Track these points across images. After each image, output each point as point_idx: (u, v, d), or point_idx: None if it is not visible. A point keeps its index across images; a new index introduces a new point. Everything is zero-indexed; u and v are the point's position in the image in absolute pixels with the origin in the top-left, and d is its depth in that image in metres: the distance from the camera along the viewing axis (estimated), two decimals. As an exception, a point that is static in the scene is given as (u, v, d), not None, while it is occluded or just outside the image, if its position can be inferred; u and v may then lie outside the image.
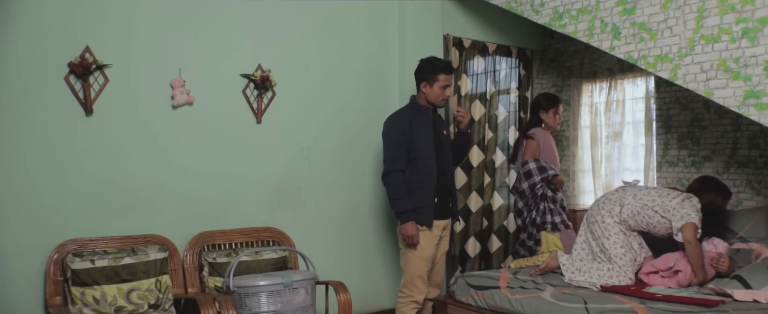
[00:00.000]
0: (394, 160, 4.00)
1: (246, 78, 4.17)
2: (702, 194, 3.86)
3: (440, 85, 4.07)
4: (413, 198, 4.01)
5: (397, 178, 3.99)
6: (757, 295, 3.31)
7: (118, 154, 3.70)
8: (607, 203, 3.93)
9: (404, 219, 3.99)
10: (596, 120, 5.62)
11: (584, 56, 5.68)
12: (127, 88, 3.72)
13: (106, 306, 3.34)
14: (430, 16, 5.02)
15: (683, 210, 3.66)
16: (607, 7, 4.00)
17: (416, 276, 4.09)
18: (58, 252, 3.42)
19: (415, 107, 4.15)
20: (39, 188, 3.46)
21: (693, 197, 3.76)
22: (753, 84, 3.33)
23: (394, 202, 4.01)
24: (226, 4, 4.09)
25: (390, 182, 4.01)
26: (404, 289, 4.14)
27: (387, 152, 4.05)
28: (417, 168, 4.03)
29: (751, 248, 4.14)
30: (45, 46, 3.46)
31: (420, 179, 4.03)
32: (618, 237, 3.82)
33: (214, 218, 4.04)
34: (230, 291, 3.51)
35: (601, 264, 3.82)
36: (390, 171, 4.00)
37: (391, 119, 4.16)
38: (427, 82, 4.09)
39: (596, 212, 3.95)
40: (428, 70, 4.09)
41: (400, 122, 4.07)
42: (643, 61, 3.81)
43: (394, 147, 4.02)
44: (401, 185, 3.99)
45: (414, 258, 4.08)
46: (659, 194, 3.82)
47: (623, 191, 3.98)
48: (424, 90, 4.11)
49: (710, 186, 3.95)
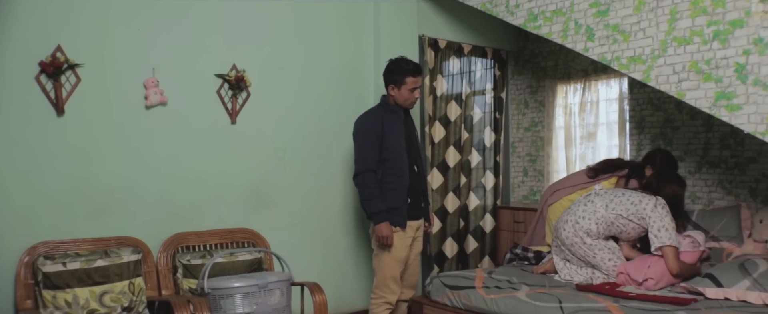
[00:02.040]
0: (365, 160, 3.95)
1: (220, 78, 4.14)
2: (664, 188, 3.92)
3: (408, 88, 4.03)
4: (386, 199, 3.97)
5: (368, 178, 3.94)
6: (728, 293, 3.36)
7: (90, 155, 3.65)
8: (582, 221, 3.87)
9: (378, 220, 3.94)
10: (570, 121, 5.66)
11: (559, 57, 5.72)
12: (99, 88, 3.67)
13: (79, 310, 3.29)
14: (405, 17, 5.02)
15: (661, 223, 3.70)
16: (582, 9, 4.03)
17: (389, 276, 4.06)
18: (29, 255, 3.36)
19: (386, 107, 4.11)
20: (9, 190, 3.40)
21: (660, 199, 3.81)
22: (724, 85, 3.38)
23: (366, 203, 3.96)
24: (200, 4, 4.06)
25: (362, 183, 3.96)
26: (377, 290, 4.12)
27: (358, 153, 4.00)
28: (389, 169, 4.00)
29: (723, 247, 4.20)
30: (15, 45, 3.40)
31: (392, 180, 4.00)
32: (603, 253, 3.83)
33: (188, 219, 4.01)
34: (205, 293, 3.48)
35: (596, 271, 3.88)
36: (361, 171, 3.95)
37: (362, 118, 4.11)
38: (394, 84, 4.05)
39: (573, 235, 3.87)
40: (396, 72, 4.04)
41: (372, 122, 4.02)
42: (617, 63, 3.84)
43: (365, 147, 3.97)
44: (373, 185, 3.94)
45: (387, 259, 4.04)
46: (630, 201, 3.83)
47: (591, 203, 3.94)
48: (392, 93, 4.08)
49: (670, 179, 4.02)
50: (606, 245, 3.85)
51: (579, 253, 3.89)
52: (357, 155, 4.01)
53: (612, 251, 3.84)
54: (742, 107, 3.30)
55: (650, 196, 3.82)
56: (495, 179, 5.74)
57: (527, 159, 6.01)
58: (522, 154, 6.08)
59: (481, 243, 5.64)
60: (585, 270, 3.91)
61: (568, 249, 3.93)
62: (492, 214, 5.69)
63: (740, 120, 3.31)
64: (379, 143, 3.98)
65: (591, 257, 3.85)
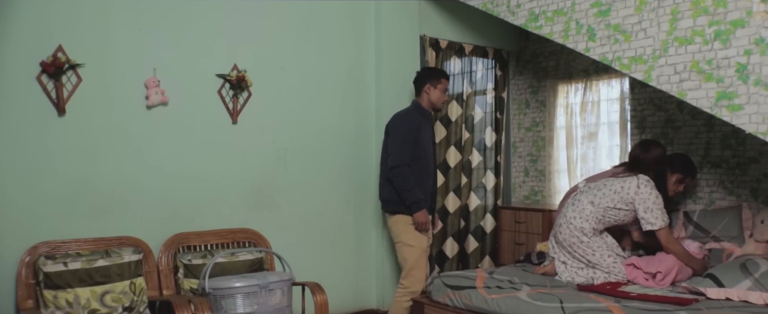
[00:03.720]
0: (403, 154, 4.22)
1: (221, 78, 4.14)
2: (646, 156, 3.95)
3: (442, 88, 4.40)
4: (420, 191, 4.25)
5: (405, 171, 4.21)
6: (729, 293, 3.36)
7: (91, 155, 3.65)
8: (575, 221, 3.92)
9: (417, 208, 4.21)
10: (572, 121, 5.66)
11: (560, 57, 5.72)
12: (100, 88, 3.67)
13: (80, 309, 3.30)
14: (406, 17, 5.02)
15: (646, 204, 3.76)
16: (583, 8, 4.03)
17: (416, 266, 4.29)
18: (30, 255, 3.36)
19: (419, 110, 4.41)
20: (10, 189, 3.40)
21: (641, 177, 3.84)
22: (725, 85, 3.37)
23: (406, 193, 4.20)
24: (201, 4, 4.06)
25: (400, 175, 4.21)
26: (404, 281, 4.29)
27: (396, 146, 4.25)
28: (418, 167, 4.27)
29: (724, 247, 4.20)
30: (16, 45, 3.40)
31: (420, 177, 4.28)
32: (602, 250, 3.86)
33: (189, 219, 4.01)
34: (206, 293, 3.48)
35: (597, 271, 3.87)
36: (399, 164, 4.21)
37: (401, 117, 4.37)
38: (431, 84, 4.37)
39: (570, 235, 3.94)
40: (433, 74, 4.41)
41: (411, 121, 4.31)
42: (618, 63, 3.84)
43: (403, 143, 4.24)
44: (410, 177, 4.20)
45: (414, 250, 4.28)
46: (612, 190, 3.88)
47: (579, 202, 3.99)
48: (428, 91, 4.38)
49: (652, 146, 4.03)
50: (604, 242, 3.87)
51: (579, 252, 3.91)
52: (394, 149, 4.26)
53: (610, 248, 3.90)
54: (743, 107, 3.30)
55: (631, 177, 3.86)
56: (496, 179, 5.73)
57: (528, 159, 6.01)
58: (523, 154, 6.07)
59: (482, 243, 5.63)
60: (585, 271, 3.91)
61: (568, 251, 3.95)
62: (493, 214, 5.69)
63: (741, 120, 3.30)
64: (414, 141, 4.26)
65: (590, 255, 3.87)
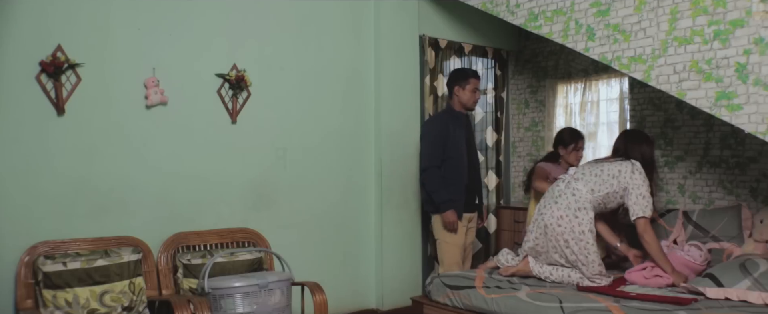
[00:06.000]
0: (431, 157, 4.48)
1: (221, 78, 4.14)
2: (634, 151, 3.94)
3: (471, 88, 4.55)
4: (447, 192, 4.45)
5: (434, 173, 4.46)
6: (728, 293, 3.36)
7: (90, 154, 3.65)
8: (580, 214, 3.77)
9: (445, 208, 4.44)
10: (571, 120, 5.66)
11: (559, 57, 5.72)
12: (99, 87, 3.67)
13: (79, 309, 3.30)
14: (406, 17, 5.02)
15: (638, 192, 3.75)
16: (582, 8, 4.03)
17: (452, 262, 4.52)
18: (29, 254, 3.36)
19: (450, 112, 4.63)
20: (9, 189, 3.40)
21: (635, 163, 3.84)
22: (724, 85, 3.37)
23: (434, 194, 4.46)
24: (200, 4, 4.06)
25: (428, 177, 4.49)
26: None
27: (425, 151, 4.56)
28: (450, 166, 4.50)
29: (723, 247, 4.20)
30: (15, 45, 3.40)
31: (453, 176, 4.50)
32: (595, 256, 3.77)
33: (189, 219, 4.01)
34: (205, 293, 3.48)
35: (573, 270, 3.83)
36: (428, 167, 4.49)
37: (430, 122, 4.69)
38: (459, 85, 4.57)
39: (570, 231, 3.77)
40: (461, 75, 4.60)
41: (438, 124, 4.55)
42: (617, 63, 3.84)
43: (431, 146, 4.51)
44: (438, 179, 4.45)
45: (449, 246, 4.52)
46: (610, 174, 3.82)
47: (577, 191, 3.83)
48: (458, 93, 4.58)
49: (637, 139, 4.02)
50: (596, 250, 3.79)
51: (574, 250, 3.76)
52: (424, 153, 4.58)
53: (597, 254, 3.79)
54: (742, 106, 3.30)
55: (625, 162, 3.85)
56: (498, 179, 5.73)
57: (528, 159, 6.01)
58: (522, 154, 6.07)
59: (486, 244, 5.63)
60: (561, 271, 3.86)
61: (561, 248, 3.80)
62: (494, 214, 5.69)
63: (741, 120, 3.31)
64: (443, 143, 4.48)
65: (584, 256, 3.75)
